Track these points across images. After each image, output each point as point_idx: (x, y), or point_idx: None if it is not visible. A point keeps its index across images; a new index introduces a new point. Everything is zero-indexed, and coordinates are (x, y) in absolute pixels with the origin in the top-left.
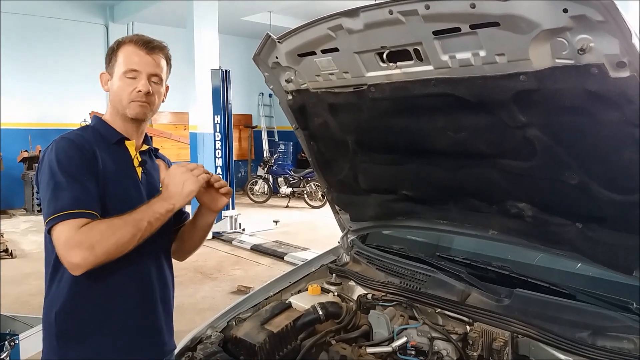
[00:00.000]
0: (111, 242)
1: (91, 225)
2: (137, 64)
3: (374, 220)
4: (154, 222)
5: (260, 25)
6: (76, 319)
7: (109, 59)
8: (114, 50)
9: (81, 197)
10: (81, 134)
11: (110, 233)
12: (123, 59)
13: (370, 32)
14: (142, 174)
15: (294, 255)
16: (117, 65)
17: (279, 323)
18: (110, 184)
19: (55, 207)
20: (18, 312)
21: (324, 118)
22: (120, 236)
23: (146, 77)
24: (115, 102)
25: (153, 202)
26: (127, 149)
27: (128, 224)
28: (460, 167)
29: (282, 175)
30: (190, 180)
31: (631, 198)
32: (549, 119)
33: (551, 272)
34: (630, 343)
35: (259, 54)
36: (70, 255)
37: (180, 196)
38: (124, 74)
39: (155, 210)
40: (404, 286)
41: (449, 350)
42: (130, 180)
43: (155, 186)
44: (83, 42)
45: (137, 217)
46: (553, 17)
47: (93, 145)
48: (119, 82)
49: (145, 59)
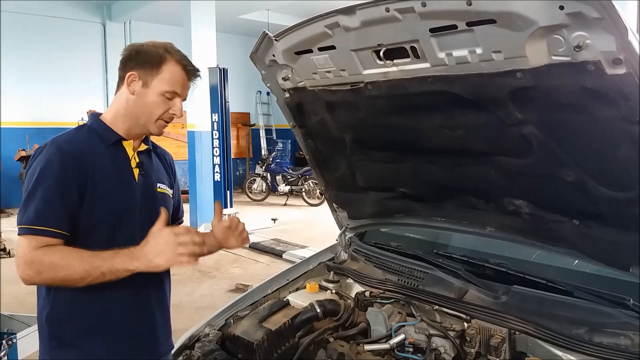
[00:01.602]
0: (58, 275)
1: (47, 251)
2: (181, 87)
3: (371, 218)
4: (108, 275)
5: (257, 23)
6: (68, 323)
7: (150, 66)
8: (161, 61)
9: (47, 214)
10: (74, 136)
11: (60, 267)
12: (170, 78)
13: (367, 29)
14: (138, 175)
15: (292, 253)
16: (160, 79)
17: (277, 321)
18: (102, 187)
19: (21, 218)
20: (15, 311)
21: (321, 116)
22: (68, 273)
23: (181, 101)
24: (141, 112)
25: (120, 254)
26: (124, 150)
27: (82, 265)
28: (458, 164)
29: (280, 173)
30: (167, 256)
31: (627, 195)
32: (545, 116)
33: (548, 269)
34: (627, 339)
35: (255, 52)
36: (20, 270)
37: (147, 263)
38: (164, 93)
39: (115, 264)
40: (401, 283)
41: (447, 347)
42: (125, 182)
43: (153, 187)
44: (80, 40)
45: (94, 264)
46: (549, 14)
47: (85, 149)
48: (156, 97)
49: (186, 84)
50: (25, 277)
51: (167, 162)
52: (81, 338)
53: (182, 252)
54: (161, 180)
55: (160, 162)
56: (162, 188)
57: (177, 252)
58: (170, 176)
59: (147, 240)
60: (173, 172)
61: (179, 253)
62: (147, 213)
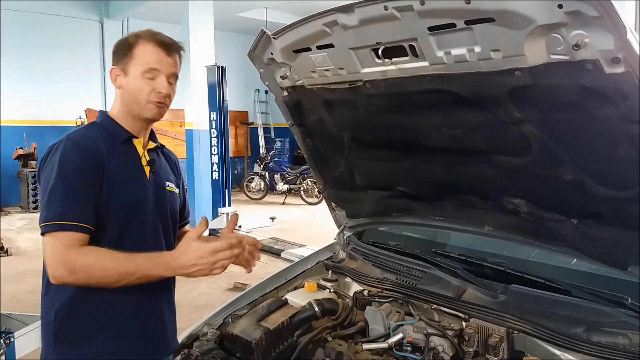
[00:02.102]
0: (93, 277)
1: (81, 251)
2: (157, 63)
3: (370, 217)
4: (143, 279)
5: (255, 21)
6: (77, 319)
7: (123, 54)
8: (131, 46)
9: (73, 208)
10: (88, 133)
11: (96, 269)
12: (142, 58)
13: (366, 28)
14: (150, 173)
15: (290, 252)
16: (134, 63)
17: (275, 320)
18: (116, 184)
19: (47, 215)
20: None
21: (319, 114)
22: (103, 276)
23: (166, 77)
24: (130, 101)
25: (156, 261)
26: (134, 148)
27: (117, 269)
28: (456, 163)
29: (278, 172)
30: (204, 271)
31: (626, 194)
32: (544, 115)
33: (546, 268)
34: (625, 338)
35: (254, 50)
36: (52, 269)
37: (182, 272)
38: (142, 73)
39: (151, 272)
40: (400, 282)
41: (445, 346)
42: (138, 179)
43: (162, 186)
44: (78, 38)
45: (130, 269)
46: (548, 13)
47: (100, 145)
48: (136, 81)
49: (165, 59)
50: (58, 275)
51: (173, 162)
52: (87, 336)
53: (218, 268)
54: (169, 179)
55: (166, 162)
56: (171, 187)
57: (213, 268)
58: (176, 175)
59: (183, 251)
60: (178, 172)
61: (215, 267)
62: (157, 210)
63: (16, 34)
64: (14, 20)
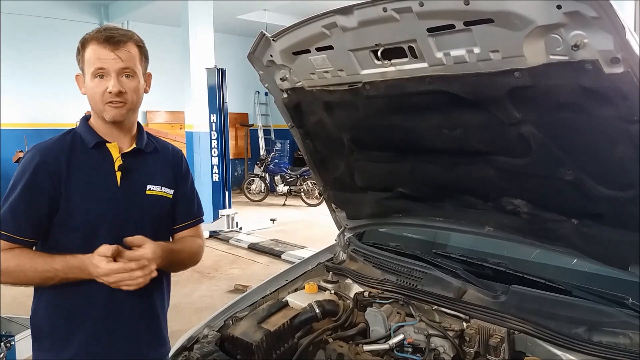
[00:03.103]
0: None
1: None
2: (102, 62)
3: (370, 218)
4: (65, 280)
5: (255, 23)
6: (49, 323)
7: (78, 60)
8: (80, 50)
9: (10, 220)
10: (55, 142)
11: (18, 273)
12: (89, 59)
13: (365, 29)
14: (121, 179)
15: (291, 254)
16: (85, 65)
17: (276, 322)
18: (77, 193)
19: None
20: (14, 314)
21: (319, 116)
22: (27, 279)
23: (115, 74)
24: (92, 104)
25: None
26: (108, 152)
27: (35, 274)
28: (456, 164)
29: (278, 173)
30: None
31: (626, 194)
32: (543, 116)
33: (547, 268)
34: (626, 338)
35: (253, 52)
36: None
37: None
38: (92, 76)
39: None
40: (400, 283)
41: (446, 347)
42: (105, 186)
43: (140, 190)
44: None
45: (49, 274)
46: (547, 14)
47: (62, 157)
48: (90, 83)
49: (109, 55)
50: None
51: (169, 161)
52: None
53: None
54: (153, 182)
55: (157, 162)
56: (154, 190)
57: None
58: (171, 175)
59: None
60: (178, 170)
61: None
62: (131, 217)
63: (16, 37)
64: (14, 23)
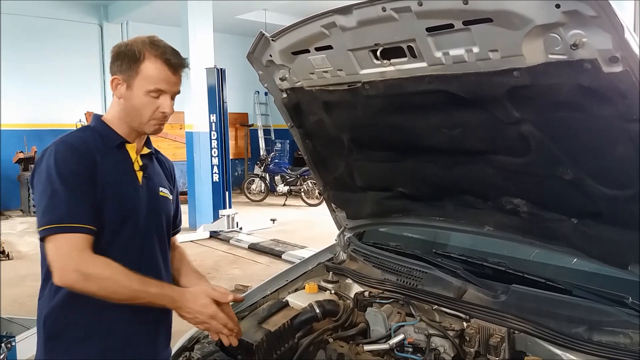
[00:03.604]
0: (103, 289)
1: (97, 260)
2: (165, 83)
3: (370, 218)
4: (148, 303)
5: (255, 23)
6: (65, 323)
7: (127, 67)
8: (137, 60)
9: (77, 210)
10: (81, 136)
11: (109, 283)
12: (149, 76)
13: (364, 29)
14: (142, 178)
15: (291, 254)
16: (140, 78)
17: (276, 322)
18: (109, 188)
19: (50, 218)
20: (15, 314)
21: (318, 116)
22: (114, 292)
23: (170, 97)
24: (132, 115)
25: (166, 292)
26: (127, 153)
27: (129, 290)
28: (455, 163)
29: (278, 173)
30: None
31: (625, 193)
32: (542, 115)
33: (547, 268)
34: (626, 337)
35: (252, 52)
36: (62, 273)
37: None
38: (148, 92)
39: (156, 300)
40: (400, 283)
41: (446, 346)
42: (130, 184)
43: (156, 191)
44: (77, 42)
45: (141, 294)
46: (546, 13)
47: (92, 149)
48: (141, 99)
49: (171, 79)
50: (68, 281)
51: (168, 169)
52: (76, 338)
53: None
54: (163, 185)
55: (161, 168)
56: (164, 192)
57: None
58: (170, 182)
59: (195, 297)
60: (173, 179)
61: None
62: (150, 215)
63: (16, 38)
64: (13, 23)
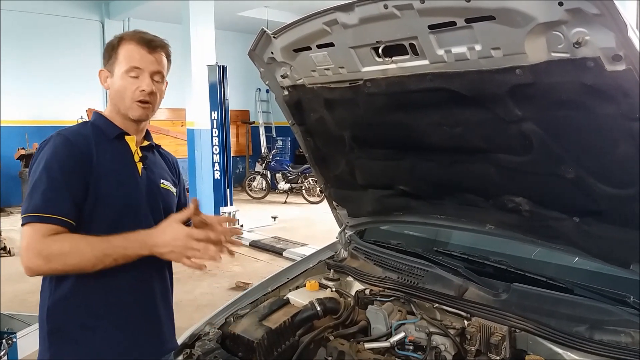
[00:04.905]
0: (69, 263)
1: (56, 239)
2: (139, 61)
3: (371, 216)
4: (120, 260)
5: (256, 20)
6: (69, 315)
7: (109, 56)
8: (115, 47)
9: (55, 201)
10: (79, 130)
11: (71, 255)
12: (125, 57)
13: (366, 26)
14: (142, 169)
15: (292, 251)
16: (118, 63)
17: (277, 319)
18: (106, 179)
19: (28, 206)
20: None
21: (320, 113)
22: (79, 261)
23: (149, 75)
24: (117, 101)
25: (131, 238)
26: (127, 144)
27: (93, 252)
28: (457, 162)
29: (280, 171)
30: (174, 254)
31: (627, 192)
32: (544, 113)
33: (548, 266)
34: (627, 337)
35: (254, 49)
36: (27, 259)
37: (156, 250)
38: (125, 73)
39: (127, 250)
40: (401, 281)
41: (447, 345)
42: (130, 175)
43: (156, 182)
44: (79, 38)
45: (106, 251)
46: (548, 11)
47: (90, 142)
48: (121, 80)
49: (147, 57)
50: (32, 266)
51: (171, 163)
52: (81, 330)
53: (189, 255)
54: (164, 177)
55: (163, 161)
56: (165, 185)
57: (185, 254)
58: (174, 175)
59: (162, 229)
60: (177, 173)
61: (187, 255)
62: (150, 207)
63: (17, 35)
64: (15, 20)
